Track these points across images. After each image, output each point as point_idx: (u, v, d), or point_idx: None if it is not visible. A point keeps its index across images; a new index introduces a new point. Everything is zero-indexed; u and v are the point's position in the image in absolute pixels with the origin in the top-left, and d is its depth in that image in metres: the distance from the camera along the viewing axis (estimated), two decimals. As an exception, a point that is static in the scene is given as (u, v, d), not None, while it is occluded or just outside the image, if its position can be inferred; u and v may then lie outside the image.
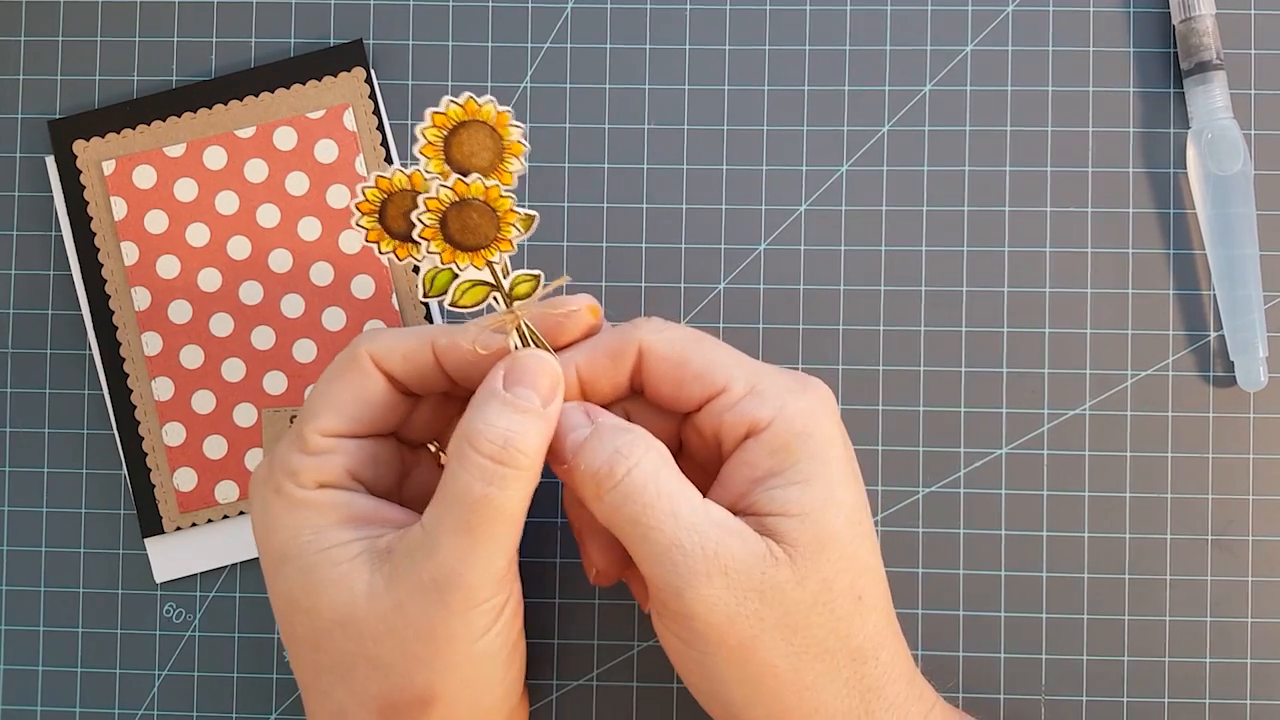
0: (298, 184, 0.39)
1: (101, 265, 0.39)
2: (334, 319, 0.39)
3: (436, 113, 0.29)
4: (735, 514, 0.30)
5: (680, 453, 0.34)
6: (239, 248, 0.39)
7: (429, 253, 0.30)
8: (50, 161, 0.40)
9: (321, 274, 0.39)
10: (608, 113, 0.39)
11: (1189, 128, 0.39)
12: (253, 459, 0.39)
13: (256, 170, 0.39)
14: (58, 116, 0.40)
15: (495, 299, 0.31)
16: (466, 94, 0.29)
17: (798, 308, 0.39)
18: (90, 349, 0.39)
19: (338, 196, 0.39)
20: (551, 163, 0.39)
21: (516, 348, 0.31)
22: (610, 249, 0.39)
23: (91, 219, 0.39)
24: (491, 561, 0.28)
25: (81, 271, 0.39)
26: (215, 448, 0.39)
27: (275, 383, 0.39)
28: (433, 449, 0.35)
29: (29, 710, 0.39)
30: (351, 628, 0.29)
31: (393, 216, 0.30)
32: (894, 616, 0.32)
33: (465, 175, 0.29)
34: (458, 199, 0.29)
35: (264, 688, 0.39)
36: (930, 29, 0.39)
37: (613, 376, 0.32)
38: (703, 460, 0.33)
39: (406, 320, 0.39)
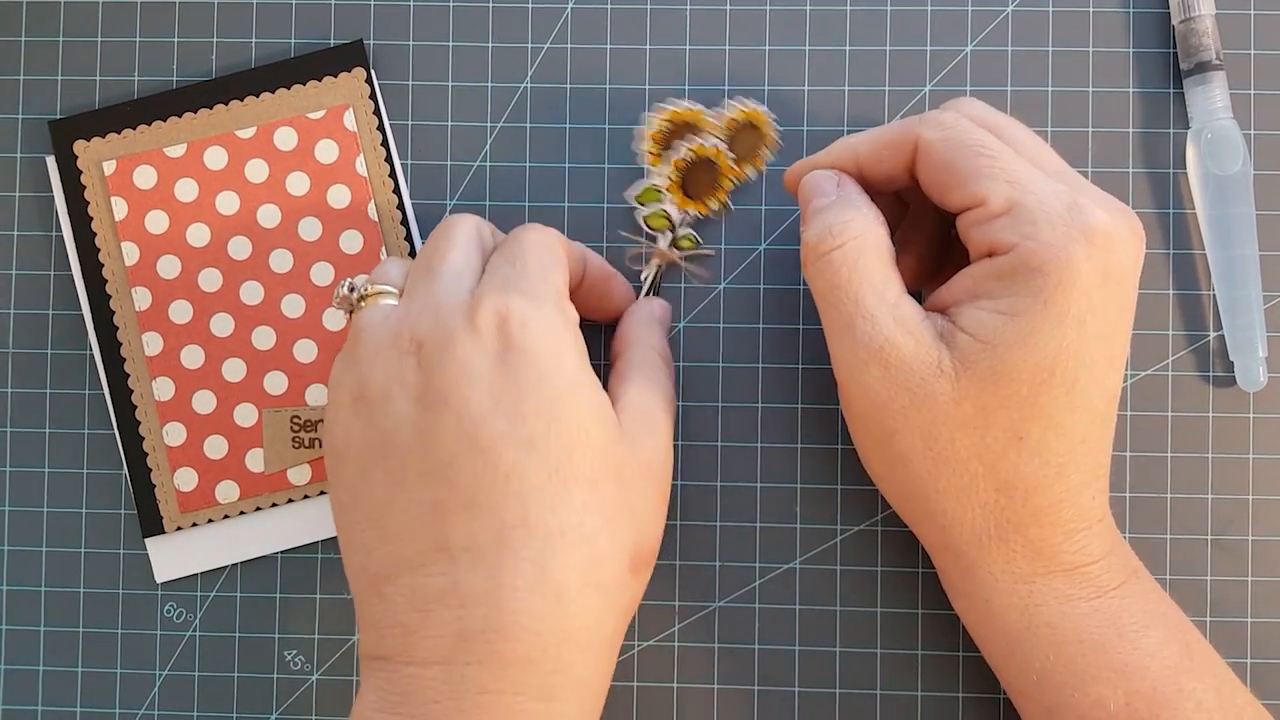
0: (298, 184, 0.39)
1: (102, 265, 0.39)
2: (335, 319, 0.39)
3: (744, 104, 0.38)
4: (944, 315, 0.31)
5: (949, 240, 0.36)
6: (239, 248, 0.39)
7: (666, 175, 0.38)
8: (51, 161, 0.40)
9: (322, 274, 0.39)
10: (608, 113, 0.40)
11: (1189, 128, 0.39)
12: (253, 459, 0.39)
13: (257, 170, 0.39)
14: (58, 117, 0.40)
15: (665, 235, 0.38)
16: (763, 109, 0.39)
17: (798, 308, 0.39)
18: (90, 349, 0.39)
19: (338, 196, 0.39)
20: (551, 163, 0.40)
21: (647, 279, 0.38)
22: (610, 249, 0.39)
23: (92, 219, 0.39)
24: (671, 447, 0.35)
25: (82, 271, 0.39)
26: (216, 448, 0.39)
27: (276, 383, 0.39)
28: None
29: (29, 710, 0.39)
30: (625, 473, 0.31)
31: (669, 137, 0.38)
32: (1077, 465, 0.31)
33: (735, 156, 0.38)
34: (710, 159, 0.38)
35: (264, 688, 0.39)
36: (930, 29, 0.39)
37: (889, 167, 0.33)
38: (964, 258, 0.33)
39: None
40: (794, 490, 0.39)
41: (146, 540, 0.39)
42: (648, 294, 0.38)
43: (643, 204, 0.38)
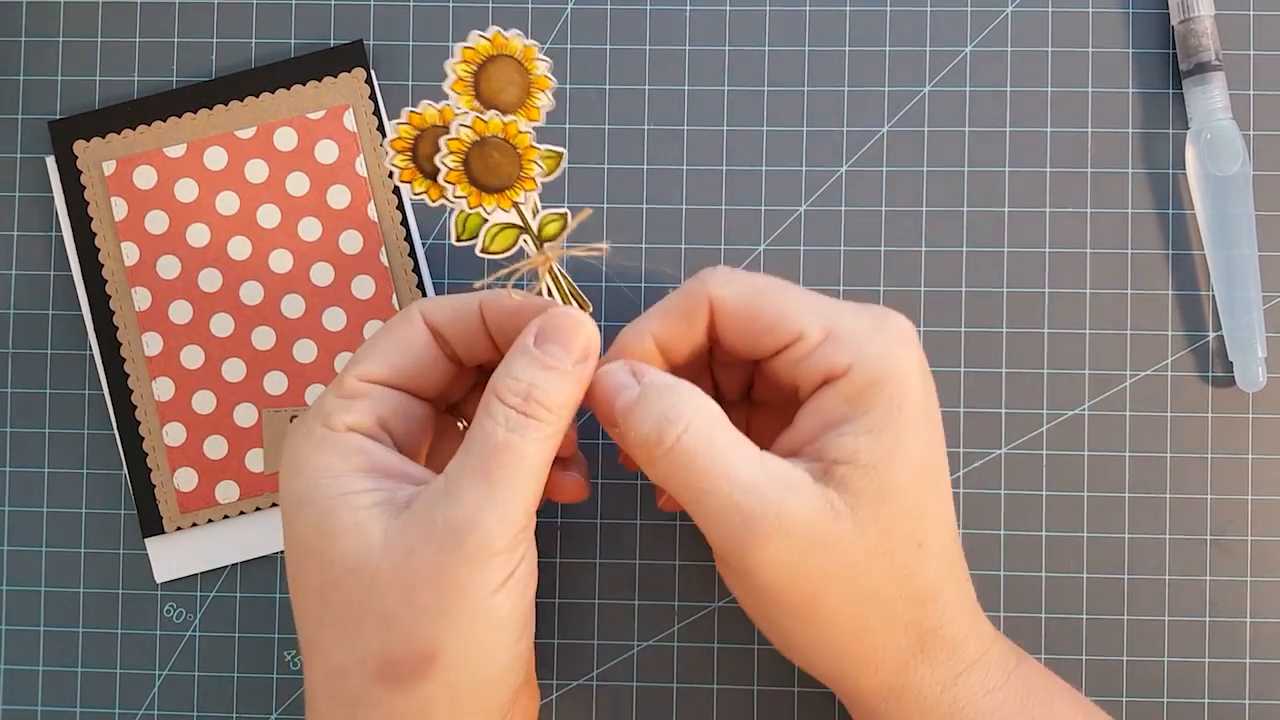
0: (298, 184, 0.39)
1: (102, 265, 0.39)
2: (334, 319, 0.39)
3: (466, 47, 0.29)
4: (801, 457, 0.30)
5: (752, 396, 0.34)
6: (239, 248, 0.39)
7: (456, 196, 0.29)
8: (51, 161, 0.40)
9: (322, 274, 0.39)
10: (607, 113, 0.40)
11: (1188, 128, 0.39)
12: (253, 459, 0.39)
13: (257, 171, 0.39)
14: (58, 117, 0.40)
15: (525, 241, 0.30)
16: (494, 28, 0.29)
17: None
18: (90, 349, 0.39)
19: (338, 197, 0.39)
20: (551, 163, 0.39)
21: (548, 292, 0.31)
22: (610, 249, 0.39)
23: (92, 219, 0.39)
24: (509, 510, 0.28)
25: (82, 271, 0.39)
26: (216, 448, 0.39)
27: (276, 383, 0.39)
28: (460, 426, 0.35)
29: (29, 710, 0.39)
30: (362, 576, 0.28)
31: (425, 156, 0.29)
32: (958, 557, 0.31)
33: (497, 112, 0.29)
34: (478, 138, 0.29)
35: (264, 688, 0.39)
36: (930, 30, 0.39)
37: (689, 337, 0.32)
38: (775, 403, 0.32)
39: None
40: (794, 490, 0.39)
41: (146, 540, 0.39)
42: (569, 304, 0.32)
43: (472, 238, 0.30)
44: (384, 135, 0.39)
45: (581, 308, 0.31)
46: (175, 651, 0.39)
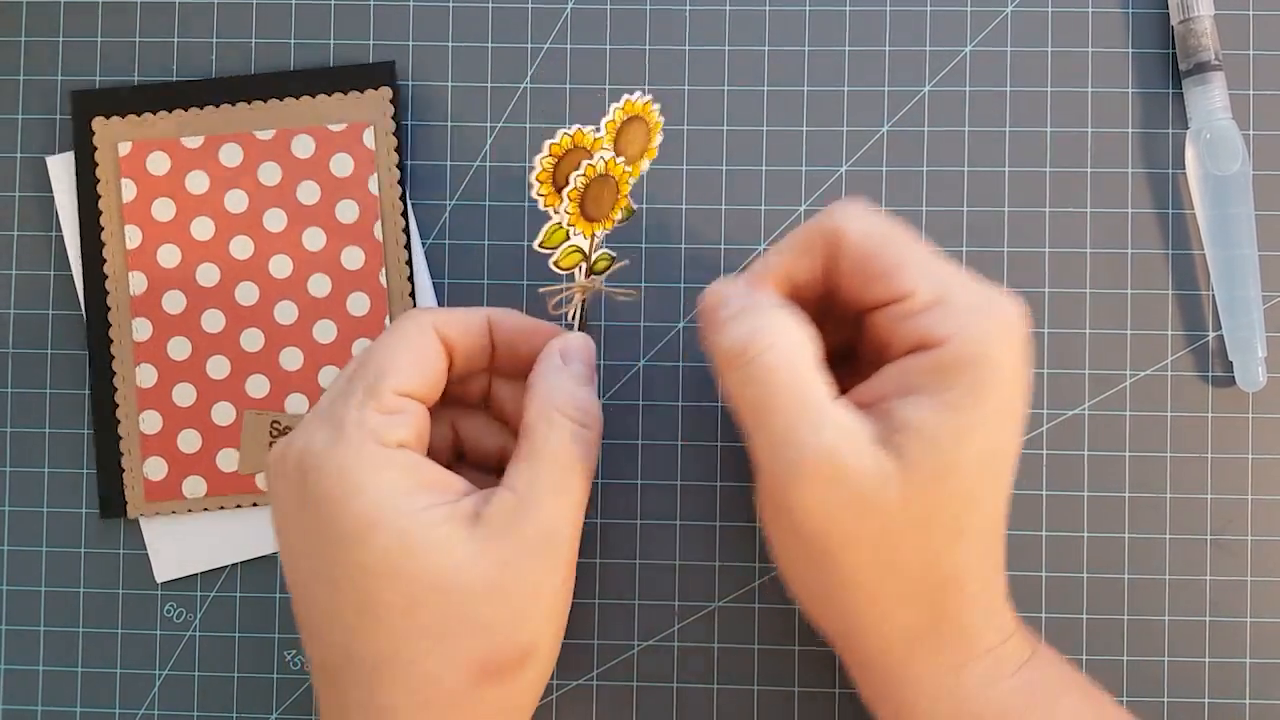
0: (309, 193, 0.39)
1: (103, 245, 0.39)
2: (325, 332, 0.39)
3: (629, 99, 0.33)
4: (869, 410, 0.29)
5: (854, 348, 0.34)
6: (241, 247, 0.39)
7: (564, 210, 0.33)
8: (51, 161, 0.40)
9: (319, 285, 0.39)
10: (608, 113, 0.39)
11: (1188, 128, 0.39)
12: (225, 458, 0.39)
13: (270, 173, 0.39)
14: (92, 88, 0.40)
15: (580, 267, 0.34)
16: (643, 96, 0.33)
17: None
18: (91, 349, 0.39)
19: (347, 211, 0.39)
20: (551, 163, 0.40)
21: (572, 318, 0.35)
22: (610, 249, 0.39)
23: (100, 197, 0.39)
24: (580, 515, 0.31)
25: (82, 249, 0.39)
26: (189, 441, 0.39)
27: (258, 385, 0.39)
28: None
29: (29, 710, 0.39)
30: (453, 589, 0.29)
31: (563, 170, 0.33)
32: (996, 552, 0.31)
33: (623, 159, 0.33)
34: (605, 174, 0.33)
35: (264, 688, 0.39)
36: (929, 30, 0.40)
37: (809, 271, 0.32)
38: (865, 357, 0.32)
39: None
40: (794, 490, 0.39)
41: (147, 540, 0.39)
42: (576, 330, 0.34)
43: (551, 248, 0.33)
44: (402, 159, 0.39)
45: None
46: (175, 651, 0.39)
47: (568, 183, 0.32)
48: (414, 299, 0.39)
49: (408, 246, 0.39)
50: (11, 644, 0.40)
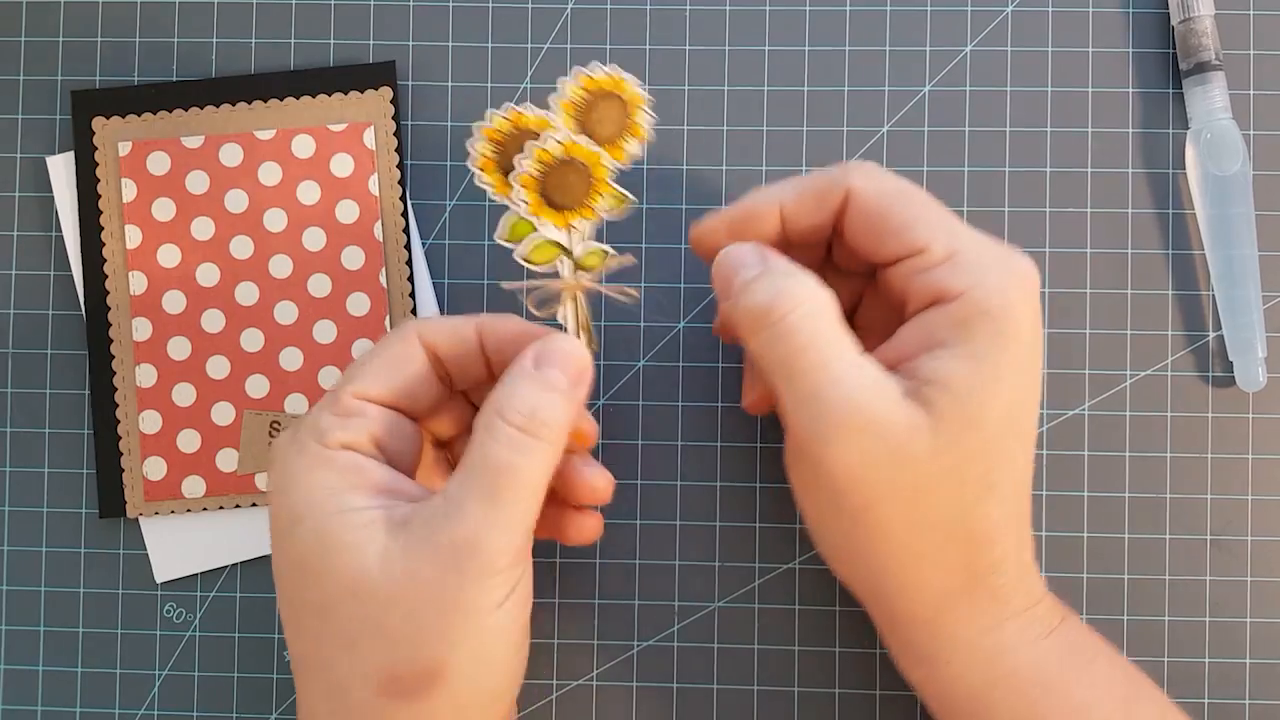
0: (309, 193, 0.39)
1: (104, 244, 0.39)
2: (325, 332, 0.39)
3: (586, 75, 0.30)
4: (894, 372, 0.30)
5: (855, 322, 0.34)
6: (241, 247, 0.39)
7: (520, 200, 0.30)
8: (51, 161, 0.40)
9: (319, 285, 0.39)
10: (608, 113, 0.39)
11: (1188, 128, 0.39)
12: (224, 458, 0.39)
13: (270, 173, 0.39)
14: (91, 88, 0.40)
15: (563, 263, 0.31)
16: (616, 67, 0.31)
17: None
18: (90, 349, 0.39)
19: (347, 211, 0.39)
20: (551, 163, 0.40)
21: (564, 319, 0.32)
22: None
23: (100, 197, 0.39)
24: (512, 529, 0.28)
25: (82, 249, 0.39)
26: (189, 441, 0.39)
27: (257, 385, 0.39)
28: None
29: (29, 710, 0.39)
30: (363, 594, 0.28)
31: (507, 155, 0.30)
32: (1025, 510, 0.31)
33: (589, 140, 0.30)
34: (566, 158, 0.30)
35: (264, 688, 0.39)
36: (930, 30, 0.39)
37: (814, 218, 0.32)
38: (879, 319, 0.32)
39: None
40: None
41: (147, 540, 0.39)
42: (578, 336, 0.32)
43: (517, 241, 0.31)
44: (402, 159, 0.39)
45: (588, 344, 0.32)
46: (175, 651, 0.39)
47: (517, 167, 0.30)
48: (414, 299, 0.39)
49: (408, 246, 0.39)
50: (11, 644, 0.40)
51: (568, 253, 0.31)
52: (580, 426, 0.32)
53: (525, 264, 0.31)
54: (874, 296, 0.34)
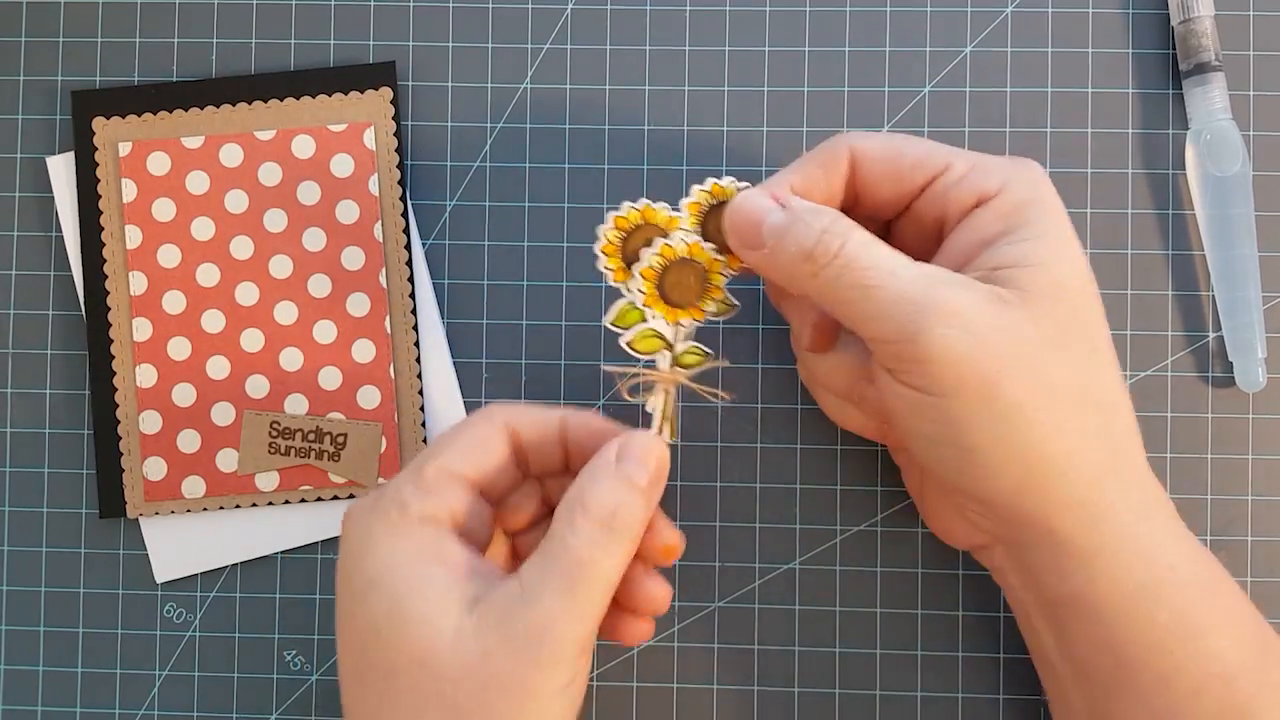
0: (309, 193, 0.39)
1: (104, 245, 0.39)
2: (324, 332, 0.39)
3: (715, 183, 0.33)
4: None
5: None
6: (241, 247, 0.39)
7: (637, 289, 0.32)
8: (51, 161, 0.40)
9: (319, 286, 0.39)
10: (608, 113, 0.40)
11: (1188, 129, 0.39)
12: (224, 458, 0.39)
13: (270, 174, 0.39)
14: (92, 88, 0.40)
15: (663, 355, 0.33)
16: (736, 180, 0.33)
17: (797, 308, 0.39)
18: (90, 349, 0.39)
19: (347, 212, 0.39)
20: (551, 163, 0.40)
21: (656, 409, 0.32)
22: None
23: (100, 197, 0.39)
24: (584, 621, 0.29)
25: (82, 248, 0.39)
26: (189, 442, 0.39)
27: (257, 386, 0.39)
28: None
29: (29, 710, 0.39)
30: (431, 667, 0.29)
31: (632, 244, 0.33)
32: (1124, 382, 0.32)
33: (714, 246, 0.33)
34: (688, 257, 0.32)
35: (264, 688, 0.39)
36: (929, 30, 0.40)
37: (825, 187, 0.33)
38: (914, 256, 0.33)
39: (396, 343, 0.39)
40: (794, 490, 0.39)
41: (146, 540, 0.39)
42: (659, 430, 0.32)
43: (624, 327, 0.33)
44: (402, 159, 0.39)
45: (671, 435, 0.32)
46: (175, 651, 0.39)
47: (639, 258, 0.32)
48: (414, 299, 0.39)
49: (408, 247, 0.39)
50: (11, 644, 0.40)
51: (670, 346, 0.33)
52: (670, 542, 0.33)
53: (628, 349, 0.33)
54: (898, 236, 0.35)
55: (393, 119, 0.39)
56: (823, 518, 0.39)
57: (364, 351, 0.39)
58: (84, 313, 0.39)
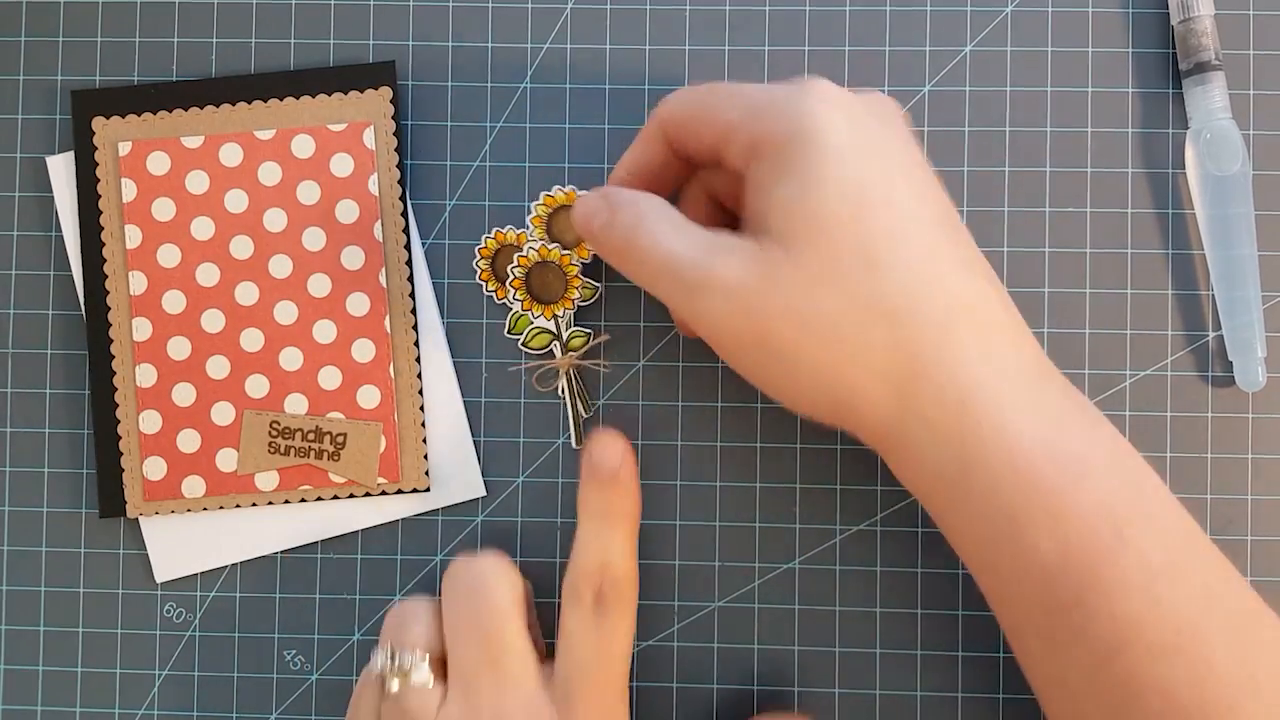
0: (309, 193, 0.39)
1: (103, 244, 0.39)
2: (324, 332, 0.39)
3: (548, 195, 0.38)
4: (750, 234, 0.32)
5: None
6: (241, 247, 0.39)
7: (514, 299, 0.38)
8: (51, 161, 0.40)
9: (319, 285, 0.39)
10: (608, 113, 0.40)
11: (1188, 128, 0.39)
12: (224, 458, 0.39)
13: (270, 173, 0.39)
14: (92, 87, 0.40)
15: (555, 346, 0.39)
16: (571, 187, 0.39)
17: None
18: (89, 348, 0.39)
19: (347, 211, 0.39)
20: (551, 163, 0.40)
21: (563, 391, 0.39)
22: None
23: (100, 197, 0.39)
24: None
25: (81, 248, 0.39)
26: (189, 441, 0.39)
27: (257, 386, 0.39)
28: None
29: (29, 710, 0.39)
30: None
31: (501, 265, 0.39)
32: (942, 268, 0.30)
33: (559, 245, 0.38)
34: (540, 260, 0.38)
35: (264, 688, 0.39)
36: (929, 29, 0.40)
37: (655, 157, 0.35)
38: None
39: (395, 343, 0.39)
40: (793, 490, 0.39)
41: (146, 540, 0.39)
42: (574, 406, 0.39)
43: (520, 333, 0.39)
44: (402, 159, 0.39)
45: (585, 407, 0.39)
46: (175, 651, 0.39)
47: (508, 274, 0.38)
48: (414, 299, 0.39)
49: (408, 247, 0.39)
50: (11, 644, 0.40)
51: (557, 337, 0.38)
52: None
53: (525, 349, 0.39)
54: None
55: (392, 118, 0.39)
56: (822, 517, 0.39)
57: (364, 351, 0.39)
58: (84, 312, 0.39)
